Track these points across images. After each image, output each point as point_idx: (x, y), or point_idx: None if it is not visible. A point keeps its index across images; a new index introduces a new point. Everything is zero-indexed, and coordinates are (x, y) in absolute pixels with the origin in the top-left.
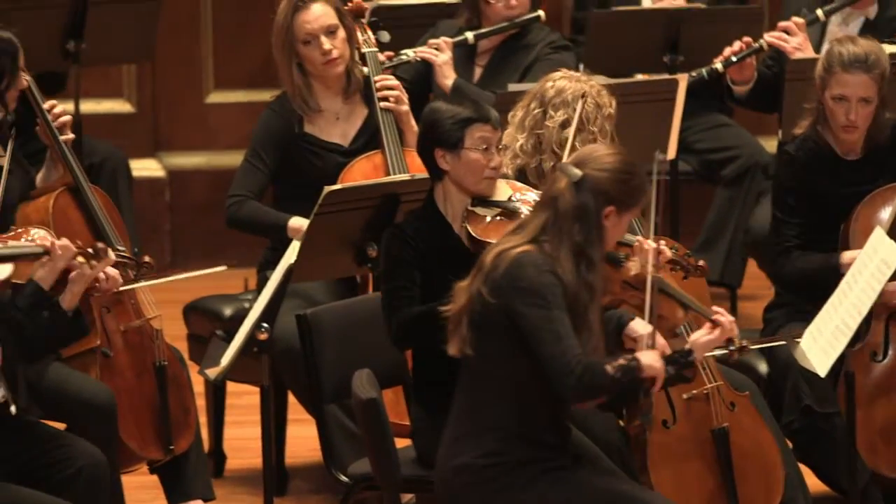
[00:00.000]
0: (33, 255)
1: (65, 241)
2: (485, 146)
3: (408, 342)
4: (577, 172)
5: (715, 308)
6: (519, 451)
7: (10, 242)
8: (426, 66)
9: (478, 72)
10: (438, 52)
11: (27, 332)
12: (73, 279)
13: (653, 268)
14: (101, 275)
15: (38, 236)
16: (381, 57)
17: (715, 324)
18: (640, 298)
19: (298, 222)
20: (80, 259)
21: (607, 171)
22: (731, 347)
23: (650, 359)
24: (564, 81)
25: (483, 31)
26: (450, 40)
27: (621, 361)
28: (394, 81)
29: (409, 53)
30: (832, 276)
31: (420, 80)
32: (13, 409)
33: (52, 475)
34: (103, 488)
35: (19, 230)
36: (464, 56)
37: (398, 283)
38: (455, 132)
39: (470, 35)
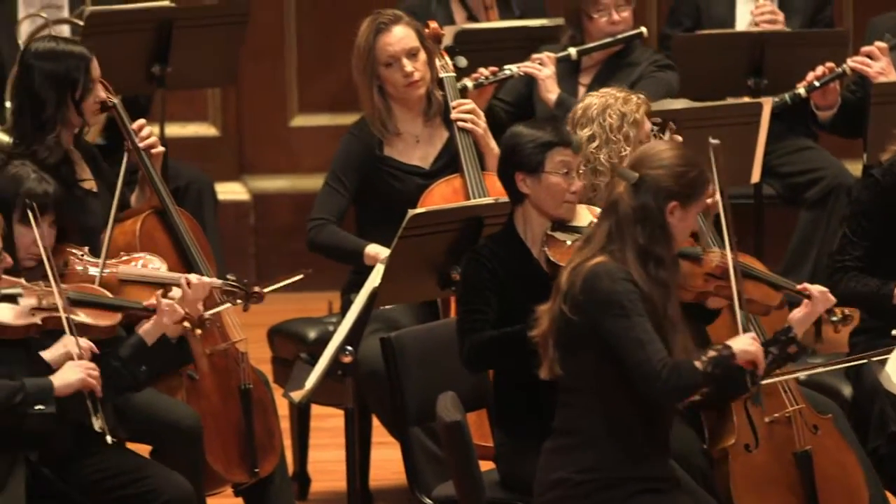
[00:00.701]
0: (141, 310)
1: (172, 304)
2: (565, 170)
3: (479, 365)
4: (634, 174)
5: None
6: (615, 466)
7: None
8: (528, 88)
9: (581, 89)
10: (542, 67)
11: (123, 383)
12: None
13: (733, 254)
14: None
15: (145, 262)
16: (472, 79)
17: (806, 296)
18: (728, 287)
19: (375, 250)
20: (186, 325)
21: (664, 167)
22: (834, 319)
23: (743, 343)
24: (590, 99)
25: (586, 46)
26: (553, 55)
27: (712, 353)
28: (471, 105)
29: (512, 68)
30: (883, 304)
31: (522, 102)
32: (109, 439)
33: None
34: None
35: (137, 255)
36: (567, 73)
37: (473, 306)
38: (536, 156)
39: (573, 51)
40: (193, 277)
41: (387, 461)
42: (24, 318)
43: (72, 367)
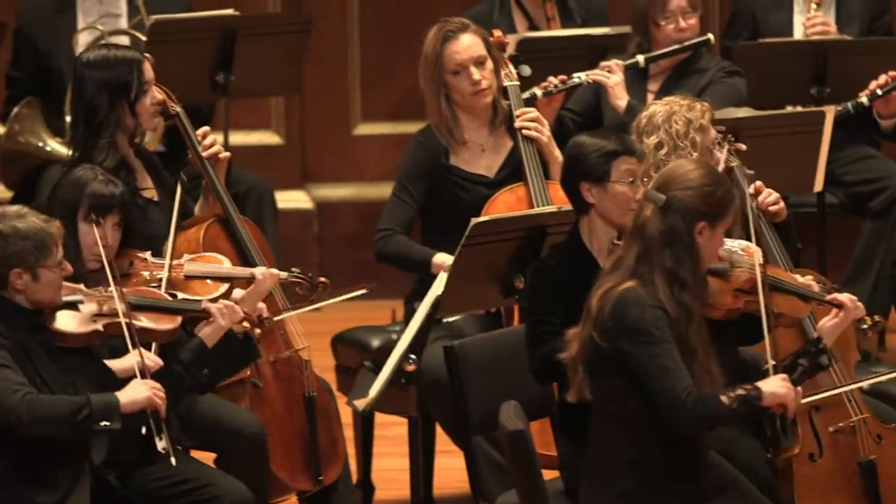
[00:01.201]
0: (200, 313)
1: (230, 304)
2: (631, 179)
3: (549, 376)
4: (662, 197)
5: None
6: (652, 489)
7: (181, 296)
8: (595, 97)
9: (650, 96)
10: (610, 75)
11: (185, 387)
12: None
13: (761, 268)
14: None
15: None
16: (542, 88)
17: (837, 306)
18: (757, 302)
19: (442, 258)
20: (246, 324)
21: (691, 188)
22: (864, 326)
23: (774, 386)
24: (654, 107)
25: (654, 54)
26: (621, 62)
27: (740, 392)
28: (534, 113)
29: (581, 76)
30: None
31: (590, 111)
32: (173, 461)
33: None
34: None
35: (203, 255)
36: (635, 80)
37: (541, 316)
38: (601, 165)
39: (641, 58)
40: (258, 271)
41: (450, 470)
42: (85, 326)
43: (139, 386)
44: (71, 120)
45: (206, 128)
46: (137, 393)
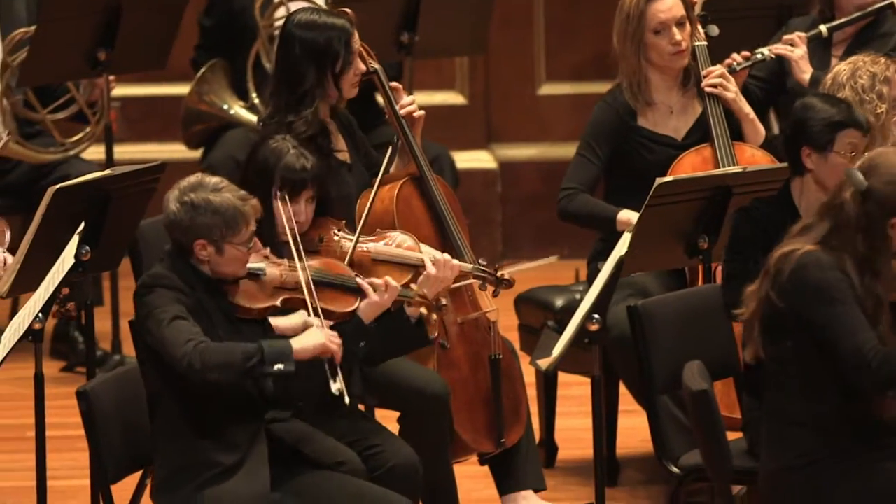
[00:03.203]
0: (355, 290)
1: (393, 285)
2: (853, 152)
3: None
4: (864, 183)
5: None
6: (830, 449)
7: (337, 273)
8: (780, 64)
9: (834, 61)
10: (793, 48)
11: (347, 360)
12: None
13: None
14: None
15: (399, 241)
16: (725, 65)
17: None
18: None
19: (627, 215)
20: (423, 309)
21: (893, 183)
22: None
23: None
24: (838, 67)
25: (837, 22)
26: (804, 35)
27: None
28: (720, 70)
29: (763, 52)
30: None
31: (774, 78)
32: (347, 399)
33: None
34: (414, 488)
35: (383, 232)
36: (819, 49)
37: (742, 255)
38: (826, 134)
39: (824, 28)
40: (440, 258)
41: (633, 429)
42: (265, 300)
43: (314, 331)
44: (273, 81)
45: (398, 85)
46: (312, 338)
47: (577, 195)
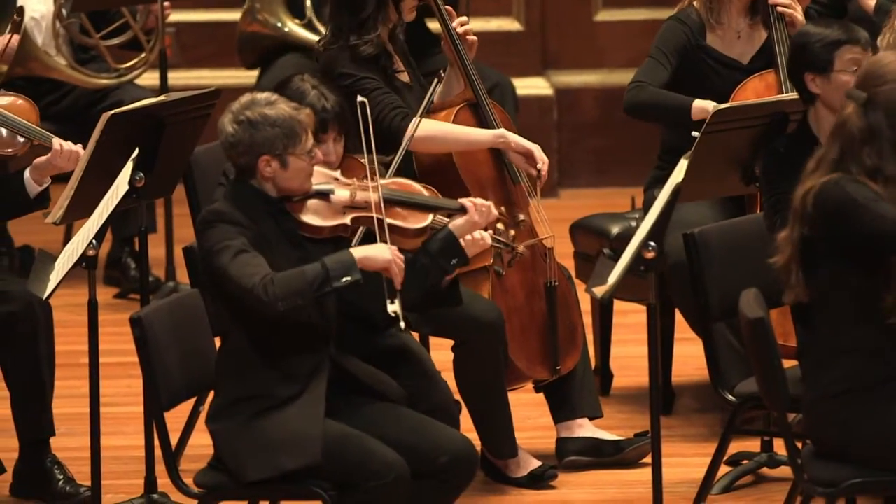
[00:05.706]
0: (456, 210)
1: (487, 204)
2: (855, 68)
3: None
4: (863, 95)
5: None
6: (873, 372)
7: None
8: None
9: None
10: None
11: (431, 280)
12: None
13: None
14: None
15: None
16: None
17: None
18: None
19: (703, 104)
20: (500, 226)
21: (891, 81)
22: None
23: None
24: None
25: None
26: None
27: None
28: None
29: None
30: None
31: (836, 3)
32: (402, 324)
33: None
34: (453, 423)
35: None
36: None
37: (777, 195)
38: (824, 55)
39: None
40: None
41: (689, 357)
42: (333, 218)
43: (381, 247)
44: (333, 4)
45: (451, 9)
46: (377, 252)
47: (646, 87)
